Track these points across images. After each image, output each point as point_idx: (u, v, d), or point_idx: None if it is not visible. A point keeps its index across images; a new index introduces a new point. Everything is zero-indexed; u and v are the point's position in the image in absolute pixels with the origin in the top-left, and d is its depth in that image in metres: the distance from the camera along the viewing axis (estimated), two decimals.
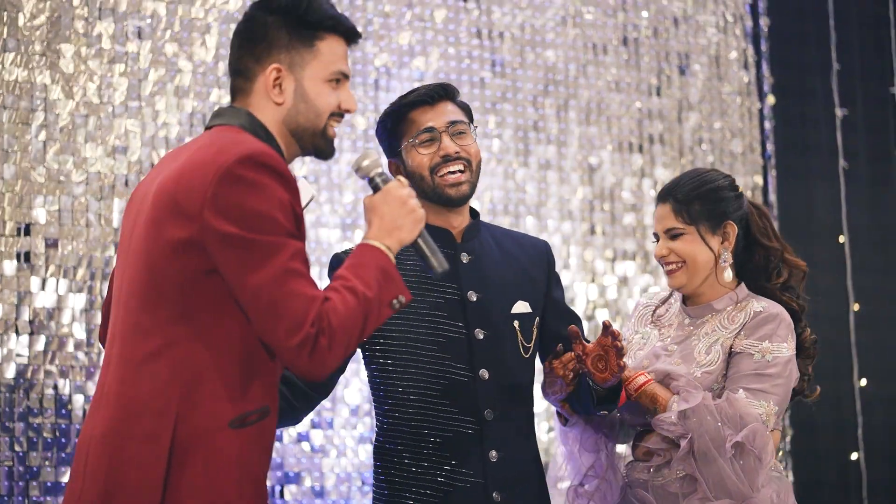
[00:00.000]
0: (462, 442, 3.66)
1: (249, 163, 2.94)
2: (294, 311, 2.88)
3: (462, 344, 3.67)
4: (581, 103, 7.13)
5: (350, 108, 3.18)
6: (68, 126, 5.93)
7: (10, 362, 5.71)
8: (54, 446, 5.74)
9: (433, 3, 6.82)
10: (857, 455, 7.42)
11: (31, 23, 5.91)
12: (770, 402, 3.67)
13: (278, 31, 3.13)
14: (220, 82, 6.25)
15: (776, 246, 3.90)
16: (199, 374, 2.95)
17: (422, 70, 6.74)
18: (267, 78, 3.12)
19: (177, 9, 6.22)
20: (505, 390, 3.70)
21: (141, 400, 2.96)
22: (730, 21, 7.55)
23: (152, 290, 3.00)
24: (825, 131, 7.64)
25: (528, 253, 3.90)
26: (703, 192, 3.84)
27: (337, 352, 2.92)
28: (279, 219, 2.91)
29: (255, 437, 3.00)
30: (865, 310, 7.54)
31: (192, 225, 2.93)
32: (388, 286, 3.01)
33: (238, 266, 2.90)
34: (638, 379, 3.72)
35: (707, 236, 3.81)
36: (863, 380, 7.49)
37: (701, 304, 3.88)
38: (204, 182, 2.94)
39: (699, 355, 3.76)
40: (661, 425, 3.68)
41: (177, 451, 2.92)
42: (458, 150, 3.72)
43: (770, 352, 3.71)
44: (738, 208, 3.88)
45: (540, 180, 6.98)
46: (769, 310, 3.77)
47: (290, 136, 3.16)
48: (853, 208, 7.62)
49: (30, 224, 5.82)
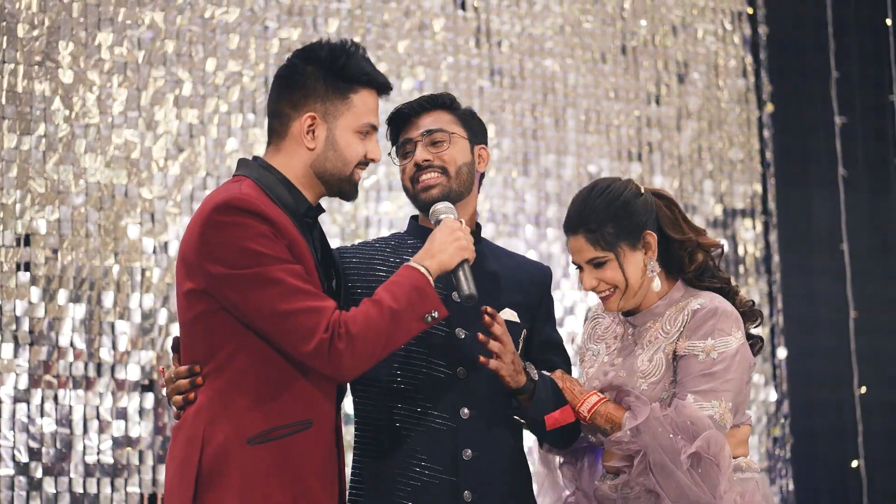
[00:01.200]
0: (436, 438, 3.67)
1: (224, 208, 3.24)
2: (302, 323, 3.21)
3: (442, 341, 3.70)
4: (580, 112, 7.14)
5: (375, 159, 3.48)
6: (67, 136, 5.94)
7: (10, 372, 5.71)
8: (55, 457, 5.74)
9: (432, 11, 6.83)
10: (858, 462, 7.41)
11: (31, 33, 5.92)
12: (722, 399, 3.55)
13: (316, 81, 3.41)
14: (218, 92, 6.26)
15: (689, 237, 3.75)
16: (225, 399, 3.27)
17: (420, 79, 6.75)
18: (301, 124, 3.41)
19: (176, 19, 6.23)
20: (484, 390, 3.70)
21: (182, 429, 3.32)
22: (728, 29, 7.56)
23: (185, 337, 3.38)
24: (824, 139, 7.65)
25: (526, 270, 3.90)
26: (612, 212, 3.69)
27: (359, 355, 3.24)
28: (261, 250, 3.22)
29: (287, 449, 3.27)
30: (865, 317, 7.54)
31: (197, 275, 3.27)
32: (421, 302, 3.33)
33: (241, 301, 3.23)
34: (589, 399, 3.65)
35: (630, 256, 3.69)
36: (863, 387, 7.49)
37: (640, 311, 3.78)
38: (194, 235, 3.29)
39: (642, 365, 3.67)
40: (617, 446, 3.61)
41: (203, 473, 3.23)
42: (428, 158, 3.76)
43: (714, 348, 3.59)
44: (649, 212, 3.74)
45: (539, 189, 6.98)
46: (707, 306, 3.64)
47: (315, 178, 3.44)
48: (852, 216, 7.62)
49: (30, 234, 5.82)
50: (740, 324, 3.67)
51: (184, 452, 3.28)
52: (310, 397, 3.32)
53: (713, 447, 3.51)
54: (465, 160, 3.80)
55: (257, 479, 3.24)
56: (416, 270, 3.37)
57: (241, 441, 3.24)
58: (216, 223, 3.25)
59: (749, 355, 3.69)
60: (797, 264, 7.52)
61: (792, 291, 7.52)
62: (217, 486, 3.23)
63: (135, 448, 5.89)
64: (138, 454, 5.90)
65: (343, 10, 6.61)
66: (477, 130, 3.87)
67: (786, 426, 7.32)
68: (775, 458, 7.22)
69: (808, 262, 7.57)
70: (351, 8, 6.65)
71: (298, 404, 3.30)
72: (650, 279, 3.73)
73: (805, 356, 7.49)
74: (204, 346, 3.31)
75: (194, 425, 3.28)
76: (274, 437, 3.26)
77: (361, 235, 6.48)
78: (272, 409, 3.27)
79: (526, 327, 3.82)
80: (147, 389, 5.95)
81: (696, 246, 3.76)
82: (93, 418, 5.82)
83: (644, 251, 3.72)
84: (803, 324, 7.54)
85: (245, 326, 3.26)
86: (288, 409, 3.29)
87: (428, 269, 3.38)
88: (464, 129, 3.83)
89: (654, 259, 3.73)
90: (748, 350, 3.69)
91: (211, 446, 3.24)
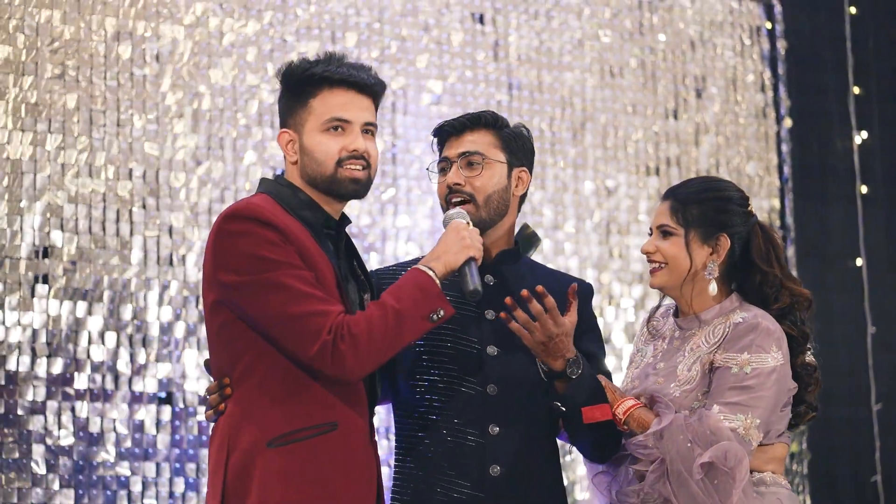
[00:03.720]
0: (464, 454, 3.69)
1: (231, 218, 3.36)
2: (306, 326, 3.27)
3: (473, 359, 3.71)
4: (598, 126, 7.14)
5: (355, 148, 3.51)
6: (87, 149, 5.95)
7: (28, 384, 5.72)
8: (73, 469, 5.74)
9: (450, 26, 6.84)
10: (876, 478, 7.39)
11: (51, 46, 5.94)
12: (749, 414, 3.54)
13: (283, 100, 3.58)
14: (237, 105, 6.27)
15: (772, 272, 3.73)
16: (249, 405, 3.35)
17: (438, 93, 6.76)
18: (283, 143, 3.56)
19: (194, 33, 6.24)
20: (515, 407, 3.71)
21: (214, 439, 3.40)
22: (746, 44, 7.56)
23: (212, 350, 3.47)
24: (842, 154, 7.64)
25: (563, 287, 3.88)
26: (705, 198, 3.74)
27: (362, 356, 3.29)
28: (268, 256, 3.30)
29: (311, 451, 3.32)
30: (883, 332, 7.52)
31: (214, 286, 3.37)
32: (426, 301, 3.38)
33: (249, 306, 3.32)
34: (626, 402, 3.65)
35: (694, 243, 3.71)
36: (880, 403, 7.47)
37: (689, 315, 3.77)
38: (209, 247, 3.40)
39: (681, 373, 3.67)
40: (636, 449, 3.61)
41: (229, 479, 3.32)
42: (459, 182, 3.80)
43: (749, 363, 3.58)
44: (740, 224, 3.75)
45: (556, 203, 6.98)
46: (749, 320, 3.64)
47: (312, 188, 3.52)
48: (870, 231, 7.61)
49: (48, 247, 5.84)
50: (782, 344, 3.65)
51: (214, 461, 3.37)
52: (334, 400, 3.36)
53: (730, 459, 3.50)
54: (497, 187, 3.81)
55: (277, 481, 3.28)
56: (420, 271, 3.43)
57: (263, 445, 3.30)
58: (225, 233, 3.35)
59: (788, 379, 3.67)
60: (814, 279, 7.50)
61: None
62: (241, 491, 3.30)
63: (152, 461, 5.90)
64: (155, 467, 5.90)
65: (361, 24, 6.62)
66: (518, 152, 3.86)
67: (803, 442, 7.30)
68: (793, 474, 7.20)
69: (826, 277, 7.56)
70: (369, 22, 6.66)
71: (322, 407, 3.35)
72: (706, 280, 3.73)
73: (822, 372, 7.43)
74: (228, 357, 3.39)
75: (222, 434, 3.37)
76: (296, 439, 3.31)
77: (378, 249, 6.49)
78: (294, 412, 3.33)
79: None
80: (165, 402, 5.96)
81: (781, 286, 3.74)
82: (110, 431, 5.83)
83: (712, 250, 3.72)
84: (820, 339, 7.47)
85: (258, 333, 3.34)
86: (311, 411, 3.34)
87: (433, 269, 3.43)
88: (504, 151, 3.83)
89: (718, 264, 3.72)
90: (787, 372, 3.66)
91: (236, 452, 3.32)
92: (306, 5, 6.54)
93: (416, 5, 6.78)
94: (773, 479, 3.70)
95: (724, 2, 7.53)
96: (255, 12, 6.39)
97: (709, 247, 3.73)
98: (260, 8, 6.41)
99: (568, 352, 3.61)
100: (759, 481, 3.66)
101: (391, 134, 6.55)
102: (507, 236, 3.88)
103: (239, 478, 3.30)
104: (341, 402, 3.37)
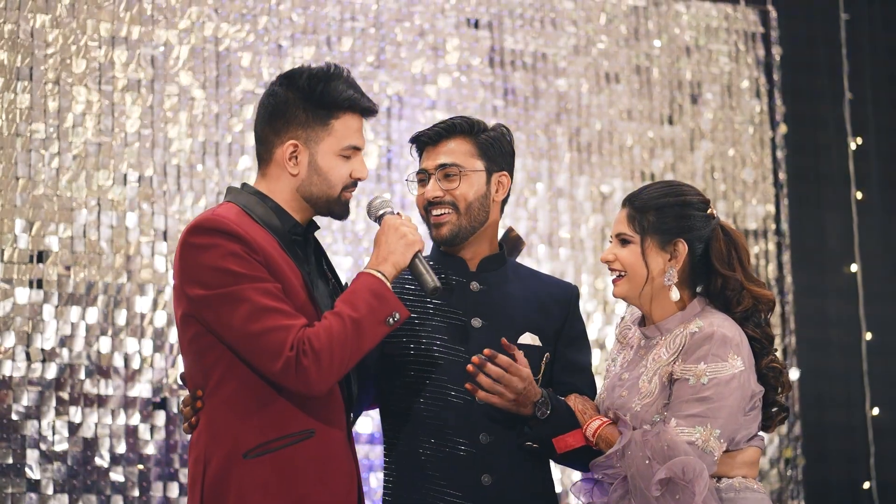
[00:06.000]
0: (454, 463, 3.69)
1: (195, 230, 3.32)
2: (270, 342, 3.25)
3: (460, 367, 3.68)
4: (593, 132, 7.14)
5: (361, 177, 3.50)
6: (81, 154, 5.95)
7: (22, 389, 5.72)
8: (67, 474, 5.74)
9: (446, 31, 6.84)
10: (870, 484, 7.39)
11: (45, 51, 5.94)
12: (707, 425, 3.50)
13: (296, 108, 3.44)
14: (232, 110, 6.27)
15: (733, 275, 3.68)
16: (222, 418, 3.33)
17: (433, 98, 6.76)
18: (284, 151, 3.45)
19: (189, 37, 6.25)
20: (504, 416, 3.69)
21: (191, 452, 3.38)
22: (742, 50, 7.56)
23: (186, 363, 3.44)
24: (837, 160, 7.64)
25: (549, 291, 3.87)
26: (662, 203, 3.69)
27: (325, 369, 3.27)
28: (232, 269, 3.27)
29: (288, 460, 3.30)
30: (878, 339, 7.52)
31: (182, 299, 3.35)
32: (381, 306, 3.35)
33: (215, 321, 3.29)
34: (592, 424, 3.65)
35: (650, 250, 3.67)
36: (875, 409, 7.47)
37: (652, 324, 3.74)
38: (176, 260, 3.37)
39: (643, 385, 3.64)
40: (599, 470, 3.61)
41: (206, 492, 3.33)
42: (439, 194, 3.80)
43: (705, 373, 3.53)
44: (700, 228, 3.70)
45: (552, 209, 6.98)
46: (705, 329, 3.59)
47: (303, 201, 3.48)
48: (865, 237, 7.61)
49: (42, 251, 5.84)
50: (742, 350, 3.61)
51: (192, 473, 3.35)
52: (310, 408, 3.35)
53: (688, 473, 3.47)
54: (478, 194, 3.79)
55: (254, 491, 3.27)
56: (372, 276, 3.40)
57: (239, 456, 3.29)
58: (189, 245, 3.32)
59: (749, 383, 3.61)
60: (810, 285, 7.51)
61: (804, 312, 7.50)
62: (218, 503, 3.29)
63: (146, 465, 5.90)
64: (149, 472, 5.90)
65: (357, 29, 6.62)
66: (497, 157, 3.83)
67: (798, 447, 7.30)
68: (787, 480, 7.20)
69: (821, 283, 7.56)
70: (364, 27, 6.66)
71: (297, 415, 3.34)
72: (666, 287, 3.69)
73: (817, 377, 7.48)
74: (201, 369, 3.37)
75: (198, 447, 3.35)
76: (272, 448, 3.31)
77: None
78: (268, 422, 3.32)
79: (549, 350, 3.80)
80: (159, 407, 5.96)
81: (742, 288, 3.69)
82: (104, 435, 5.83)
83: (670, 256, 3.68)
84: (815, 345, 7.52)
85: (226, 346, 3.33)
86: (287, 420, 3.33)
87: (382, 272, 3.41)
88: (481, 158, 3.80)
89: (676, 269, 3.68)
90: (748, 377, 3.61)
91: (212, 465, 3.30)
92: (301, 10, 6.54)
93: (411, 10, 6.78)
94: (743, 483, 3.66)
95: (720, 8, 7.53)
96: (249, 17, 6.39)
97: (666, 253, 3.69)
98: (255, 13, 6.41)
99: (534, 395, 3.63)
100: (729, 487, 3.63)
101: (386, 139, 6.55)
102: (491, 241, 3.87)
103: (215, 490, 3.29)
104: (317, 409, 3.36)
